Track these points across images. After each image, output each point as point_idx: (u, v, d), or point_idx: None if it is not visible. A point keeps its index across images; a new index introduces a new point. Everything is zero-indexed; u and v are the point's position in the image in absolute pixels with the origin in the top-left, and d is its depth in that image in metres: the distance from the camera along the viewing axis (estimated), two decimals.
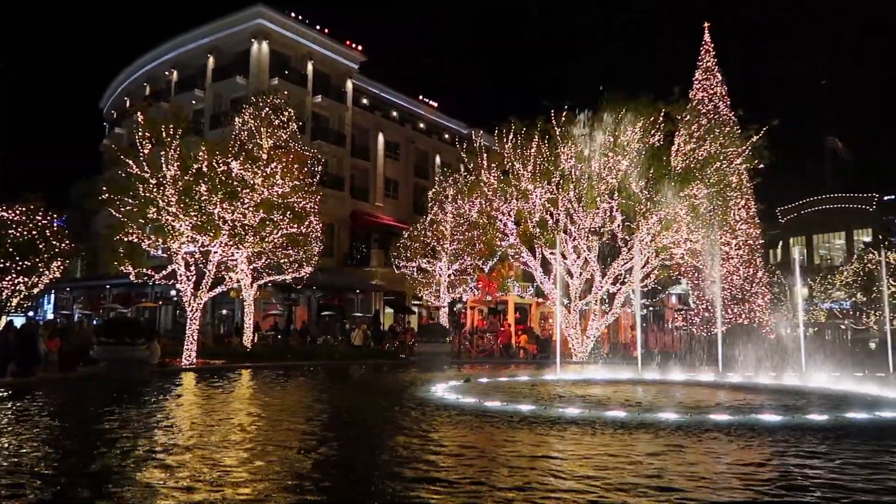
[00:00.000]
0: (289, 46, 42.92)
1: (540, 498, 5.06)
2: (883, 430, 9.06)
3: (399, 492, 5.29)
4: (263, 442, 7.50)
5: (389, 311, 42.91)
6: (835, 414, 10.38)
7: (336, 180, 42.90)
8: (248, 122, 24.40)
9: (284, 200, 23.69)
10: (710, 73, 38.40)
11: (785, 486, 5.69)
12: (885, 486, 5.61)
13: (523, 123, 28.73)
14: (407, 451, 7.17)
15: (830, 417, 9.95)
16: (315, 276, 28.09)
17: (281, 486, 5.36)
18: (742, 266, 36.08)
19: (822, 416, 10.07)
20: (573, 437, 7.99)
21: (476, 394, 12.73)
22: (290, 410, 10.55)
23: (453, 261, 30.98)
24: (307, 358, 24.79)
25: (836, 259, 60.27)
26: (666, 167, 27.60)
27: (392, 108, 51.36)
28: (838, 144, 58.94)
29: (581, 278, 29.27)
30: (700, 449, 7.24)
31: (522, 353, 30.77)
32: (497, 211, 29.85)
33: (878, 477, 6.01)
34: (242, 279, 24.69)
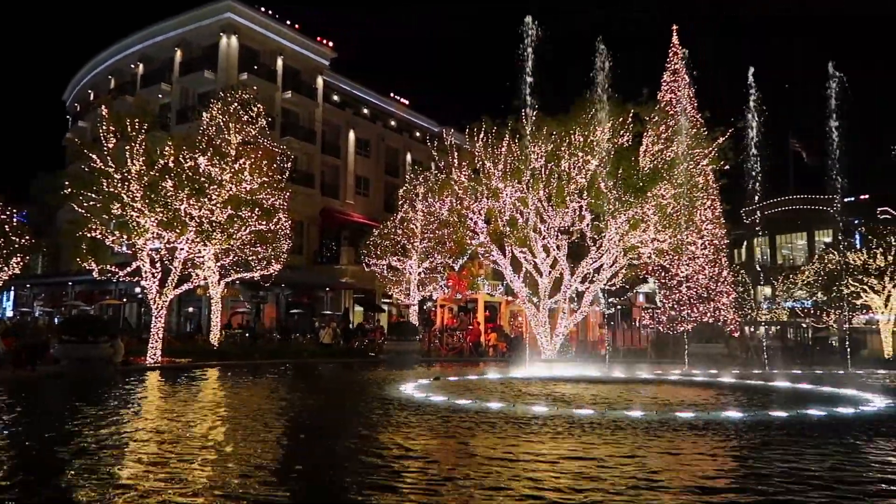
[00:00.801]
0: (258, 41, 42.42)
1: (504, 496, 5.09)
2: (839, 426, 9.29)
3: (361, 494, 5.27)
4: (226, 445, 7.41)
5: (359, 310, 42.73)
6: (794, 410, 10.63)
7: (306, 177, 42.55)
8: (217, 118, 24.03)
9: (253, 197, 23.41)
10: (678, 75, 38.98)
11: (745, 475, 5.81)
12: (839, 477, 5.76)
13: (494, 122, 28.82)
14: (372, 451, 7.15)
15: (790, 414, 10.19)
16: (284, 274, 27.84)
17: (243, 492, 5.30)
18: (707, 265, 36.71)
19: (782, 412, 10.30)
20: (539, 434, 8.05)
21: (445, 392, 12.75)
22: (254, 411, 10.44)
23: (423, 259, 30.96)
24: (275, 356, 24.57)
25: (798, 259, 61.63)
26: (634, 167, 27.93)
27: (363, 104, 51.09)
28: (801, 147, 60.19)
29: (550, 277, 29.48)
30: (663, 445, 7.35)
31: (492, 352, 30.90)
32: (467, 209, 29.88)
33: (836, 471, 6.17)
34: (209, 276, 24.35)
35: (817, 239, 62.32)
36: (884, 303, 32.61)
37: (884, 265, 32.07)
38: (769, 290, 55.68)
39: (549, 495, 5.09)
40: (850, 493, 5.35)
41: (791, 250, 66.93)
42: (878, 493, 5.42)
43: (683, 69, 39.28)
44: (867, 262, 32.67)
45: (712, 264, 36.90)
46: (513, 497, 5.05)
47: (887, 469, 6.45)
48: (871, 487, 5.62)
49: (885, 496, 5.38)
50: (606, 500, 4.98)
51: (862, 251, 33.84)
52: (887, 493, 5.45)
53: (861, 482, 5.80)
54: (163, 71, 43.11)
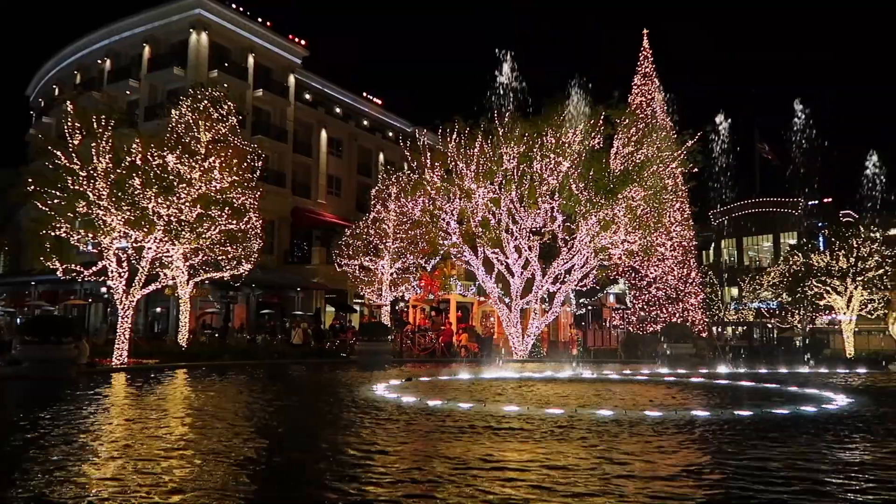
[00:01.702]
0: (229, 38, 41.92)
1: (472, 493, 5.10)
2: (801, 423, 9.49)
3: (332, 496, 5.23)
4: (194, 447, 7.30)
5: (331, 310, 42.46)
6: (759, 409, 10.83)
7: (277, 176, 42.16)
8: (186, 115, 23.65)
9: (223, 196, 23.10)
10: (648, 79, 39.49)
11: (709, 471, 5.90)
12: (798, 469, 5.88)
13: (467, 123, 28.90)
14: (342, 453, 7.11)
15: (755, 412, 10.38)
16: (254, 274, 27.54)
17: (212, 495, 5.23)
18: (676, 267, 37.26)
19: (747, 411, 10.49)
20: (510, 433, 8.08)
21: (417, 393, 12.74)
22: (223, 413, 10.31)
23: (396, 259, 30.89)
24: (245, 357, 24.30)
25: (764, 261, 62.83)
26: (605, 169, 28.24)
27: (336, 104, 50.78)
28: (767, 150, 61.38)
29: (522, 277, 29.66)
30: (631, 441, 7.43)
31: (464, 352, 30.92)
32: (440, 210, 29.94)
33: (797, 465, 6.30)
34: (178, 276, 23.99)
35: (783, 241, 63.65)
36: (846, 304, 33.40)
37: (846, 267, 32.85)
38: (736, 290, 56.72)
39: (515, 493, 5.11)
40: (804, 486, 5.46)
41: (757, 252, 68.26)
42: (827, 487, 5.55)
43: (654, 73, 39.82)
44: (830, 264, 33.43)
45: (681, 265, 37.46)
46: (476, 496, 5.07)
47: (840, 463, 6.60)
48: (822, 478, 5.75)
49: (838, 487, 5.50)
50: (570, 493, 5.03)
51: (825, 253, 34.61)
52: (839, 484, 5.59)
53: (816, 474, 5.93)
54: (130, 67, 42.35)
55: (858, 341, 34.87)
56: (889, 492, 5.42)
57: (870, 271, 32.33)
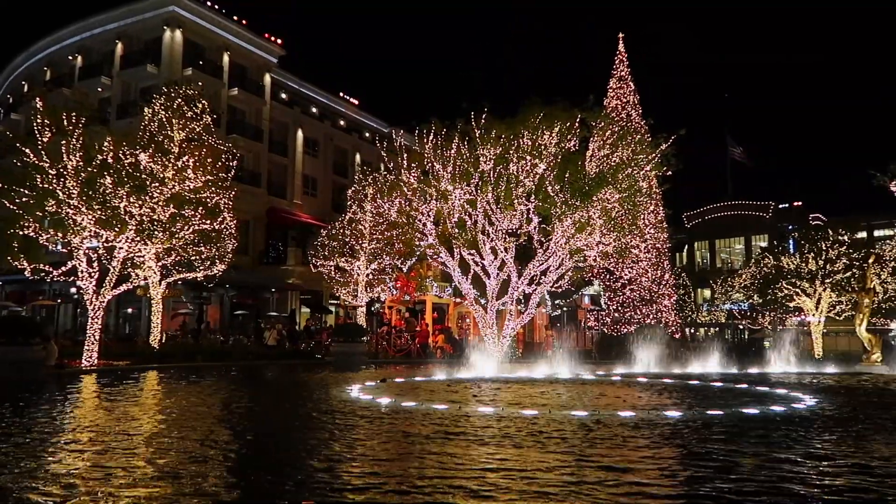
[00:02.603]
0: (204, 36, 41.47)
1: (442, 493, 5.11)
2: (771, 422, 9.65)
3: (300, 498, 5.20)
4: (162, 449, 7.21)
5: (306, 311, 42.22)
6: (730, 408, 11.00)
7: (252, 176, 41.80)
8: (159, 113, 23.37)
9: (196, 195, 22.86)
10: (624, 82, 39.89)
11: (678, 470, 5.98)
12: (767, 468, 6.00)
13: (444, 124, 28.92)
14: (315, 454, 7.08)
15: (726, 412, 10.54)
16: (228, 275, 27.28)
17: (180, 500, 5.17)
18: (650, 269, 37.67)
19: (718, 410, 10.65)
20: (484, 435, 8.10)
21: (391, 394, 12.72)
22: (193, 414, 10.19)
23: (372, 260, 30.81)
24: (219, 358, 24.06)
25: (736, 263, 63.81)
26: (581, 171, 28.45)
27: (312, 103, 50.49)
28: (740, 152, 62.39)
29: (498, 279, 29.74)
30: (604, 441, 7.50)
31: (440, 353, 30.95)
32: (416, 211, 29.91)
33: (766, 464, 6.41)
34: (150, 277, 23.68)
35: (754, 243, 64.73)
36: (815, 305, 34.05)
37: (815, 269, 33.50)
38: (708, 292, 57.51)
39: (486, 493, 5.13)
40: (773, 484, 5.56)
41: (729, 254, 69.30)
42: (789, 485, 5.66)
43: (629, 76, 40.23)
44: (800, 267, 34.06)
45: (655, 267, 37.89)
46: (447, 494, 5.08)
47: (808, 462, 6.73)
48: (791, 476, 5.86)
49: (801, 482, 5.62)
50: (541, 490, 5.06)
51: (795, 256, 35.26)
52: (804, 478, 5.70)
53: (784, 473, 6.04)
54: (102, 64, 41.67)
55: (827, 342, 35.58)
56: (857, 493, 5.53)
57: (838, 274, 33.01)
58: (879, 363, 25.39)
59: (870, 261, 28.07)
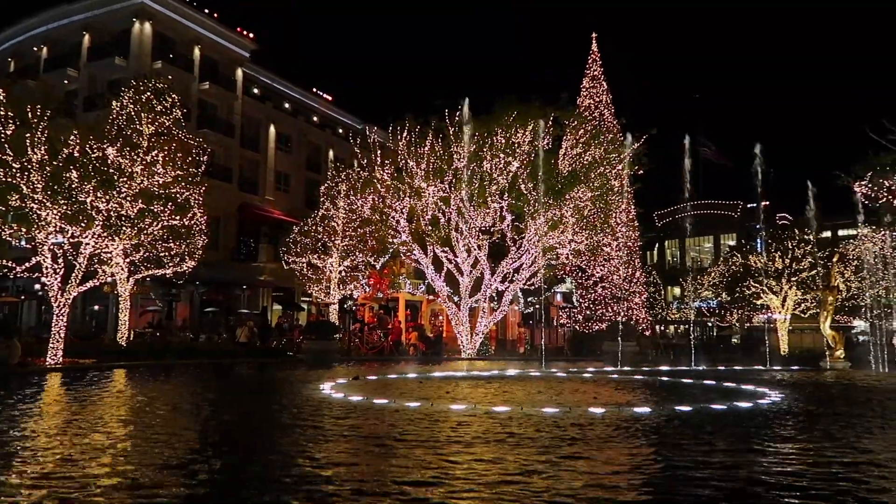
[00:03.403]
0: (174, 29, 40.82)
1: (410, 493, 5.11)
2: (738, 418, 9.84)
3: (266, 499, 5.15)
4: (125, 450, 7.09)
5: (278, 308, 41.87)
6: (698, 405, 11.17)
7: (223, 171, 41.29)
8: (128, 107, 22.95)
9: (166, 190, 22.52)
10: (597, 82, 40.19)
11: (648, 468, 6.06)
12: (735, 461, 6.11)
13: (418, 121, 28.90)
14: (284, 454, 7.03)
15: (694, 408, 10.70)
16: (198, 271, 26.93)
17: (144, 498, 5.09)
18: (622, 266, 38.05)
19: (686, 406, 10.81)
20: (455, 432, 8.12)
21: (364, 392, 12.67)
22: (160, 413, 10.04)
23: (345, 257, 30.67)
24: (188, 356, 23.74)
25: (705, 261, 64.80)
26: (554, 170, 28.64)
27: (285, 99, 50.03)
28: (712, 150, 63.29)
29: (471, 276, 29.83)
30: (575, 437, 7.56)
31: (412, 350, 30.93)
32: (390, 208, 29.86)
33: (734, 458, 6.53)
34: (118, 273, 23.26)
35: (723, 242, 65.77)
36: (781, 303, 34.72)
37: (781, 268, 34.15)
38: (678, 290, 58.33)
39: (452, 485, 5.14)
40: (740, 478, 5.66)
41: (699, 253, 70.33)
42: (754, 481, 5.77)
43: (602, 76, 40.55)
44: (767, 265, 34.70)
45: (626, 265, 38.28)
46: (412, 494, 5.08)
47: (773, 455, 6.87)
48: (757, 470, 5.97)
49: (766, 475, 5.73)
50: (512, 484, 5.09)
51: (762, 254, 35.89)
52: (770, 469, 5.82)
53: (751, 466, 6.15)
54: (69, 55, 40.78)
55: (792, 339, 36.29)
56: (819, 480, 5.65)
57: (803, 272, 33.70)
58: (842, 360, 25.98)
59: (834, 260, 28.71)
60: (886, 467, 6.35)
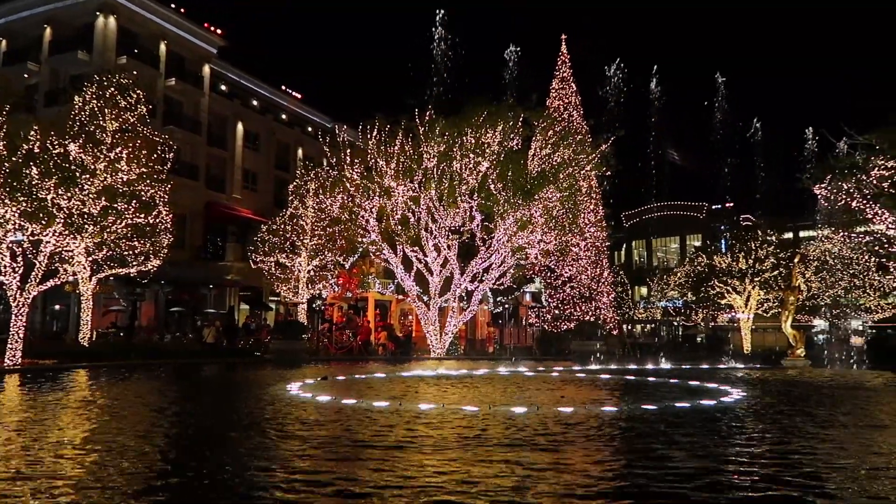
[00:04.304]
0: (139, 24, 40.07)
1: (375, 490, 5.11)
2: (702, 416, 10.02)
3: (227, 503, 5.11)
4: (84, 454, 6.95)
5: (245, 308, 41.39)
6: (663, 402, 11.35)
7: (190, 169, 40.68)
8: (91, 102, 22.48)
9: (130, 188, 22.13)
10: (566, 83, 40.50)
11: (616, 467, 6.14)
12: (698, 457, 6.22)
13: (388, 120, 28.83)
14: (250, 455, 6.96)
15: (659, 406, 10.87)
16: (164, 270, 26.51)
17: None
18: (590, 266, 38.42)
19: (652, 405, 10.97)
20: (424, 432, 8.13)
21: (332, 391, 12.61)
22: (122, 415, 9.86)
23: (313, 256, 30.45)
24: (153, 357, 23.34)
25: (671, 261, 65.78)
26: (523, 170, 28.82)
27: (253, 96, 49.47)
28: (675, 155, 64.33)
29: (441, 276, 29.85)
30: (543, 436, 7.63)
31: (382, 350, 30.85)
32: (359, 207, 29.73)
33: (697, 454, 6.65)
34: (80, 272, 22.76)
35: (689, 243, 66.86)
36: (744, 302, 35.42)
37: (745, 268, 34.84)
38: (645, 290, 59.13)
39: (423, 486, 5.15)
40: (705, 473, 5.77)
41: (665, 253, 71.39)
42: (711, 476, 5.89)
43: (571, 77, 40.87)
44: (731, 265, 35.37)
45: (594, 265, 38.64)
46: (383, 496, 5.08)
47: (735, 452, 7.02)
48: (721, 467, 6.10)
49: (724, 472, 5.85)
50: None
51: (726, 255, 36.57)
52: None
53: (715, 463, 6.28)
54: (29, 49, 39.76)
55: (755, 338, 37.03)
56: (778, 466, 5.78)
57: (766, 272, 34.42)
58: (802, 358, 26.62)
59: (795, 260, 29.38)
60: (838, 454, 6.54)
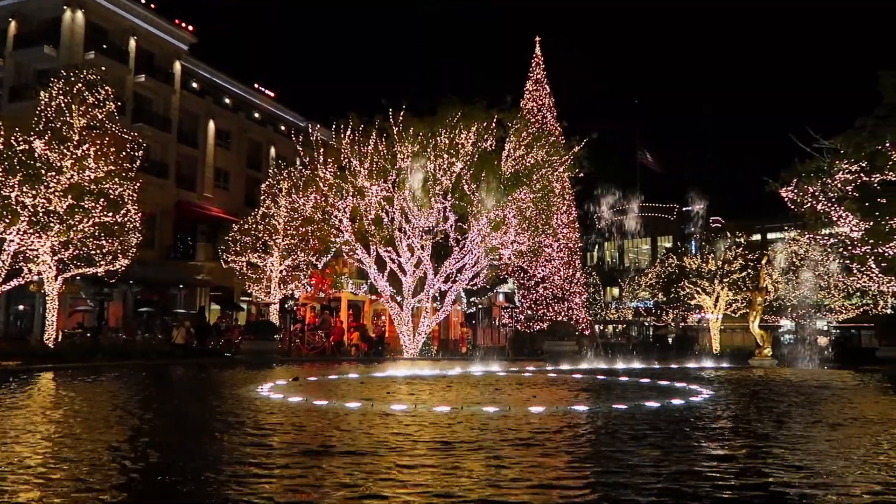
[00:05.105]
0: (108, 19, 39.37)
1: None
2: (671, 414, 10.15)
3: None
4: (48, 458, 6.82)
5: (216, 308, 40.90)
6: (633, 402, 11.48)
7: (160, 167, 40.09)
8: (57, 98, 22.05)
9: (98, 186, 21.74)
10: (540, 85, 40.75)
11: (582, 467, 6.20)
12: (668, 456, 6.30)
13: (361, 120, 28.73)
14: (218, 458, 6.88)
15: (630, 406, 10.98)
16: (132, 270, 26.07)
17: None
18: (563, 267, 38.71)
19: (622, 404, 11.09)
20: (396, 433, 8.11)
21: (303, 393, 12.51)
22: (87, 418, 9.68)
23: (286, 256, 30.21)
24: (121, 358, 22.94)
25: (643, 262, 66.60)
26: (497, 171, 28.92)
27: (225, 94, 48.90)
28: (648, 158, 65.13)
29: (414, 276, 29.83)
30: (515, 436, 7.66)
31: (354, 351, 30.71)
32: (332, 207, 29.58)
33: (668, 453, 6.73)
34: (45, 271, 22.29)
35: (660, 244, 67.77)
36: (713, 303, 36.01)
37: (714, 269, 35.43)
38: (617, 290, 59.76)
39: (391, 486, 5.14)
40: (674, 471, 5.85)
41: (637, 254, 72.24)
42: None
43: (545, 79, 41.14)
44: (701, 267, 35.93)
45: (567, 266, 38.95)
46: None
47: (704, 451, 7.13)
48: (693, 468, 6.18)
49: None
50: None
51: (696, 256, 37.15)
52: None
53: (684, 463, 6.36)
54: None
55: (724, 338, 37.68)
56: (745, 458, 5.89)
57: (734, 273, 35.04)
58: (769, 357, 27.14)
59: (763, 261, 29.95)
60: (796, 451, 6.68)
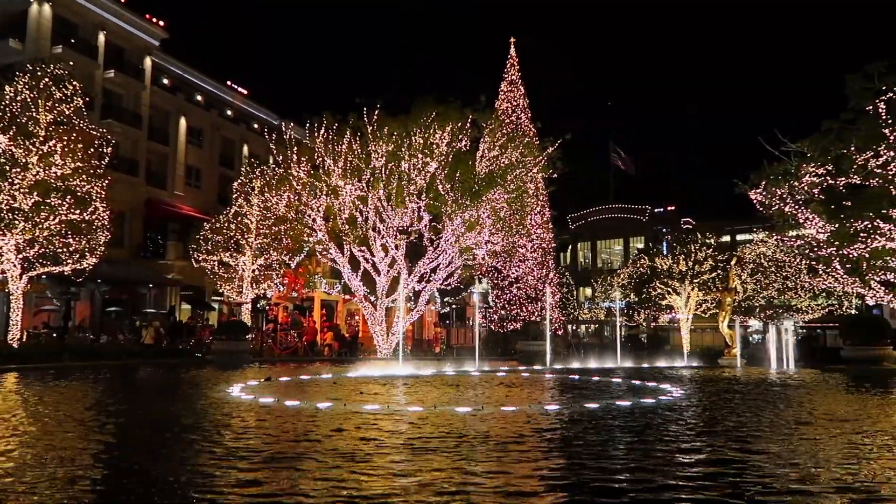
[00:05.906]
0: (76, 12, 38.60)
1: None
2: (642, 413, 10.27)
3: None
4: (8, 463, 6.67)
5: (187, 307, 40.34)
6: (605, 401, 11.59)
7: (129, 164, 39.42)
8: (23, 92, 21.57)
9: (64, 183, 21.32)
10: (515, 86, 40.94)
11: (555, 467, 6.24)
12: (638, 455, 6.38)
13: (336, 119, 28.57)
14: (186, 460, 6.79)
15: (601, 404, 11.09)
16: (100, 269, 25.61)
17: None
18: (536, 267, 38.93)
19: (594, 403, 11.18)
20: (368, 433, 8.09)
21: (275, 393, 12.41)
22: (50, 420, 9.49)
23: (258, 255, 29.93)
24: (89, 358, 22.52)
25: (615, 263, 67.24)
26: (471, 171, 28.98)
27: (197, 91, 48.24)
28: (620, 158, 65.81)
29: (388, 276, 29.75)
30: (486, 435, 7.69)
31: (328, 351, 30.54)
32: (306, 206, 29.38)
33: (639, 452, 6.81)
34: (9, 270, 21.79)
35: (632, 245, 68.45)
36: (684, 303, 36.48)
37: (685, 270, 35.90)
38: (590, 291, 60.24)
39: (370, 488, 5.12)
40: (646, 468, 5.92)
41: (610, 255, 72.90)
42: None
43: (520, 80, 41.33)
44: (672, 267, 36.38)
45: (541, 266, 39.18)
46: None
47: (675, 449, 7.22)
48: (668, 470, 6.26)
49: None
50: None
51: (668, 257, 37.60)
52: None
53: (658, 463, 6.44)
54: None
55: (694, 338, 38.19)
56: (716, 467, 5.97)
57: (704, 274, 35.53)
58: (738, 357, 27.60)
59: (732, 262, 30.44)
60: (768, 451, 6.80)
